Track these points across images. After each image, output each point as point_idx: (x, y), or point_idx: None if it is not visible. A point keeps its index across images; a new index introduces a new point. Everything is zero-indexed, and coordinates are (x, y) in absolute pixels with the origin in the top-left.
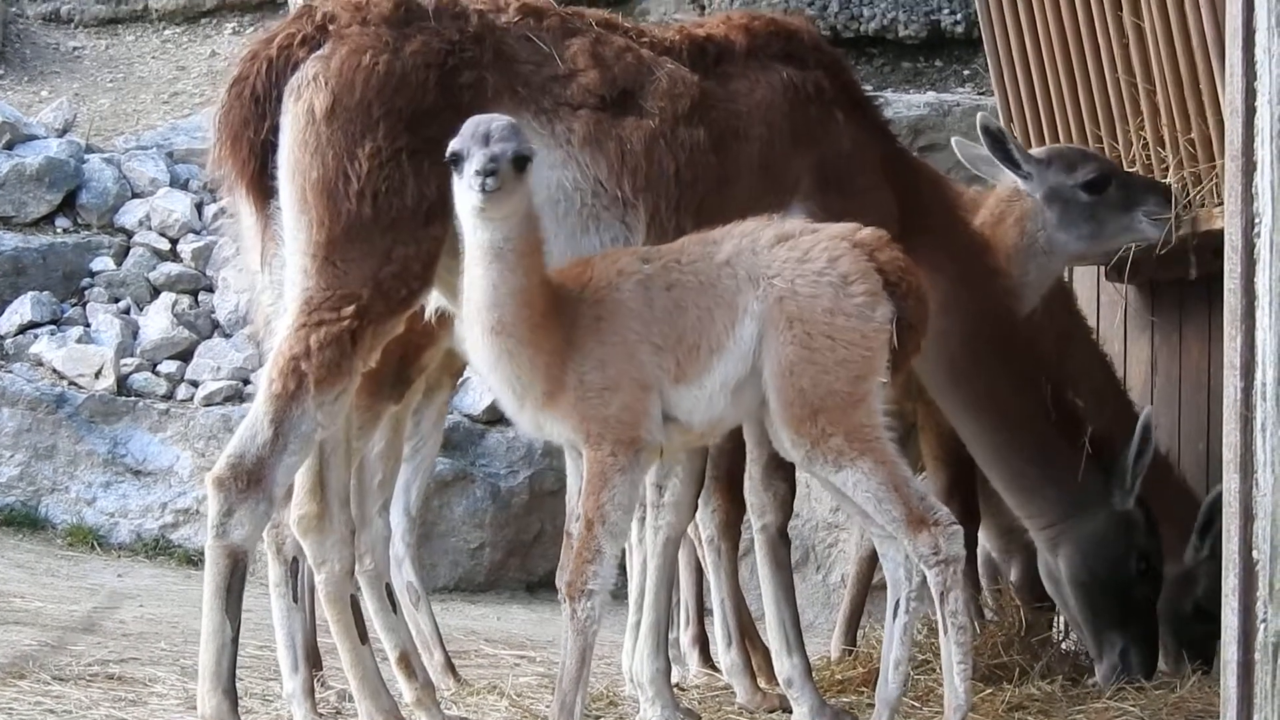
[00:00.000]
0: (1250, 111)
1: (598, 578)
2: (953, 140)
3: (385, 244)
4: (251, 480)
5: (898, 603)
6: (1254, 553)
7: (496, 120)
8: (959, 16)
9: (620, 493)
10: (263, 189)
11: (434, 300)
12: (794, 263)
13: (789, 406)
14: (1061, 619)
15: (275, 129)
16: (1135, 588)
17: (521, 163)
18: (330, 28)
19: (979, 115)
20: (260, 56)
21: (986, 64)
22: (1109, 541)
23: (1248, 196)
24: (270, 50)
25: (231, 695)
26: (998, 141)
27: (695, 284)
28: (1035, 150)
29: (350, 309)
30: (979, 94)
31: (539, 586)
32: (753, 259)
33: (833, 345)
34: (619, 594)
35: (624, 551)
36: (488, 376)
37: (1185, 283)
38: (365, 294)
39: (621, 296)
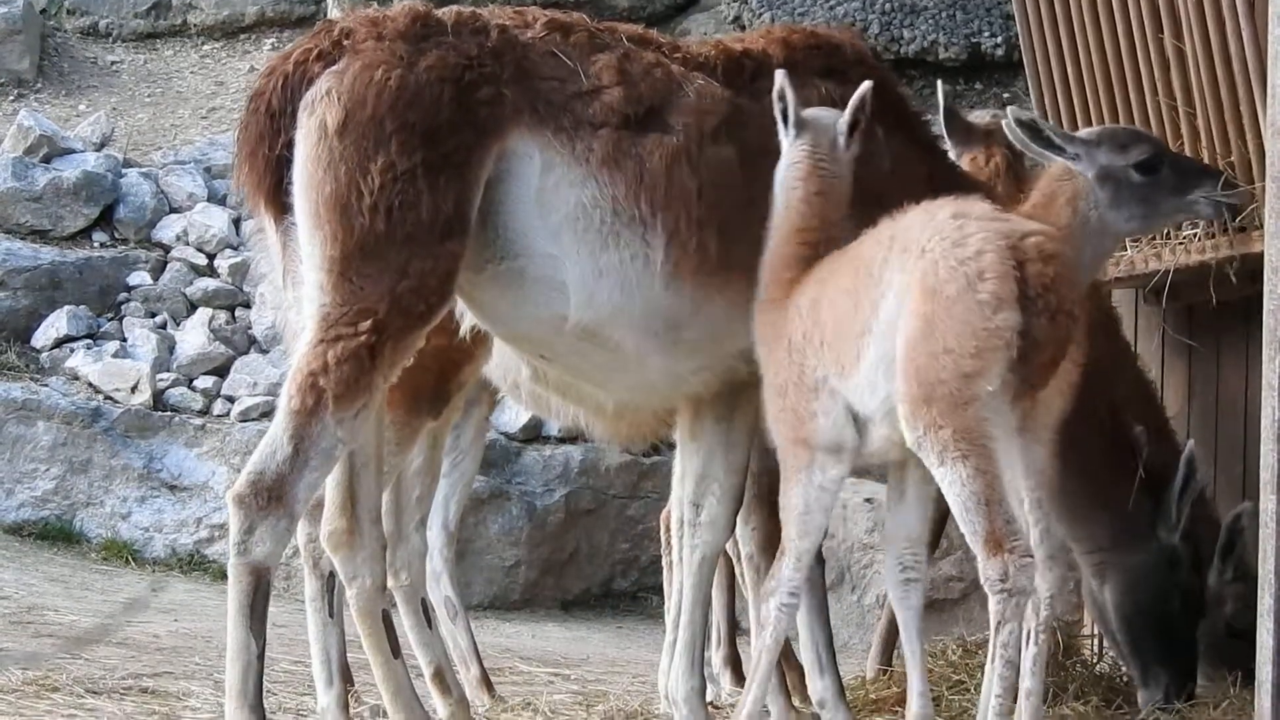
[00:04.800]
0: None
1: (774, 578)
2: (1002, 123)
3: (401, 259)
4: (272, 497)
5: (1027, 634)
6: None
7: None
8: (999, 39)
9: (793, 494)
10: (280, 204)
11: (469, 318)
12: (949, 242)
13: (906, 383)
14: (1096, 641)
15: (291, 144)
16: (1178, 623)
17: None
18: (346, 43)
19: (1008, 111)
20: (278, 72)
21: (1027, 87)
22: (1154, 576)
23: None
24: (287, 66)
25: (259, 711)
26: (1034, 131)
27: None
28: (1083, 131)
29: (367, 324)
30: (998, 109)
31: (574, 605)
32: (917, 232)
33: (949, 333)
34: (656, 613)
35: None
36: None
37: (1223, 306)
38: (382, 309)
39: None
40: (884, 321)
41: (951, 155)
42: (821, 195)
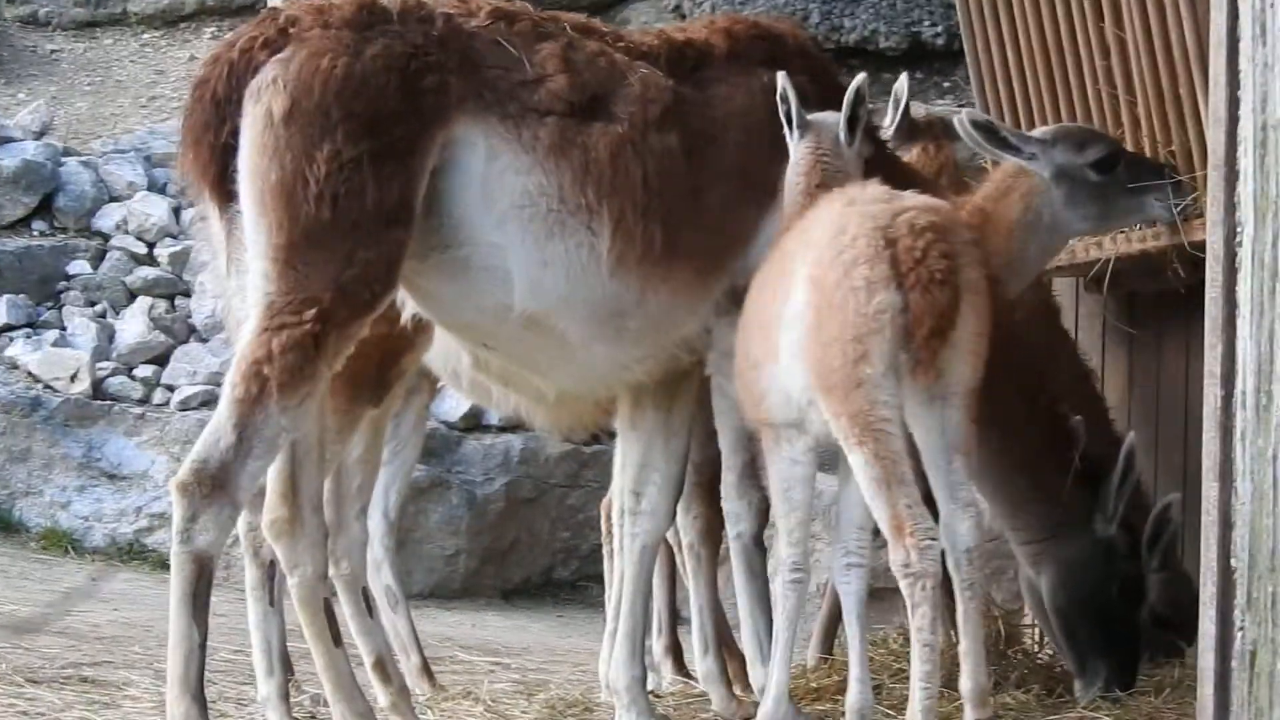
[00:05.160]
0: (1233, 121)
1: (774, 558)
2: (953, 119)
3: (346, 247)
4: (216, 485)
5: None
6: (1232, 560)
7: None
8: (940, 29)
9: (771, 472)
10: (225, 193)
11: (411, 306)
12: (832, 232)
13: (806, 373)
14: (1037, 630)
15: (236, 132)
16: (1115, 614)
17: None
18: (292, 31)
19: (962, 113)
20: (222, 59)
21: (967, 76)
22: (1090, 567)
23: (1230, 205)
24: (232, 53)
25: (200, 700)
26: (989, 132)
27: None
28: (1038, 130)
29: (312, 313)
30: (959, 105)
31: (514, 594)
32: (818, 223)
33: (833, 321)
34: (596, 602)
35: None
36: None
37: (1164, 295)
38: (327, 298)
39: None
40: (791, 312)
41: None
42: (825, 189)
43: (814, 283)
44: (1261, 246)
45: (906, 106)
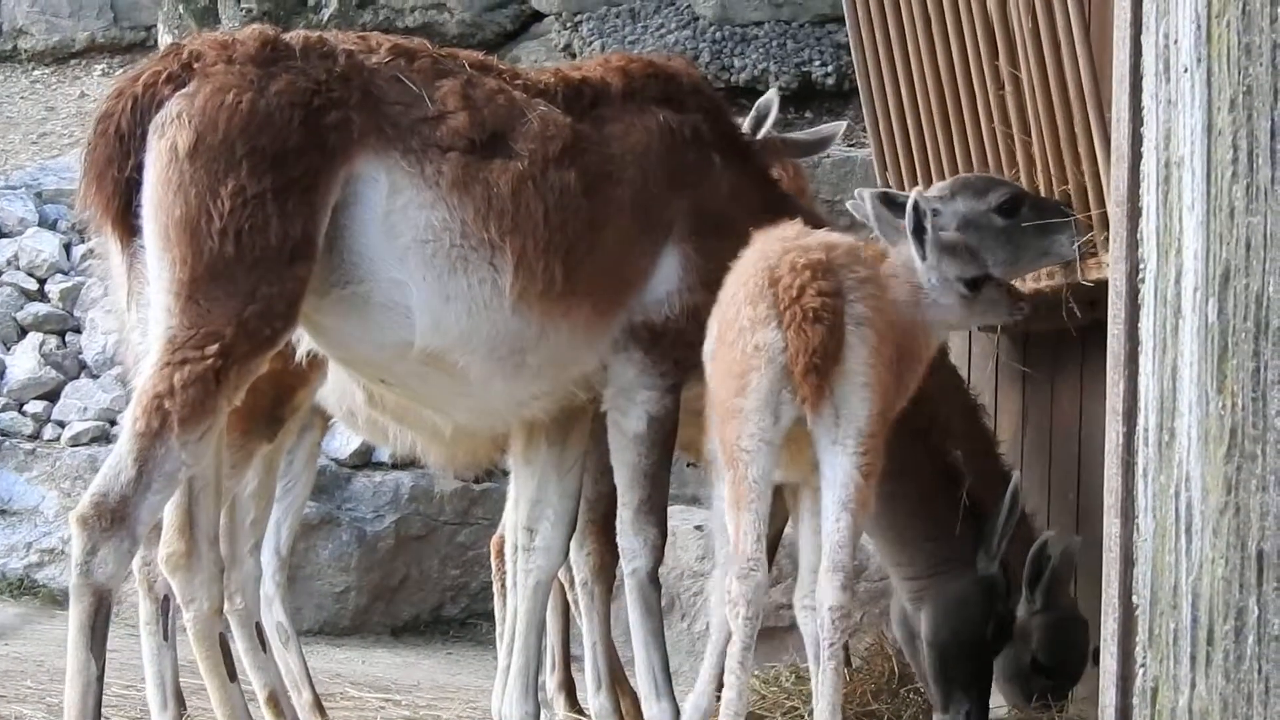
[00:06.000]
0: (1136, 157)
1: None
2: (848, 204)
3: (249, 283)
4: (116, 519)
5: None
6: (1134, 598)
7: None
8: (830, 68)
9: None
10: (127, 227)
11: (306, 342)
12: (738, 269)
13: (710, 406)
14: None
15: (140, 167)
16: (986, 652)
17: None
18: (196, 66)
19: (856, 193)
20: (126, 94)
21: (856, 116)
22: (970, 605)
23: (1132, 242)
24: (136, 88)
25: None
26: (886, 202)
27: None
28: (936, 186)
29: (214, 347)
30: (849, 146)
31: (404, 631)
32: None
33: (725, 356)
34: (485, 639)
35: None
36: None
37: (1058, 334)
38: (229, 333)
39: None
40: (710, 344)
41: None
42: None
43: (718, 319)
44: (1164, 283)
45: (768, 122)
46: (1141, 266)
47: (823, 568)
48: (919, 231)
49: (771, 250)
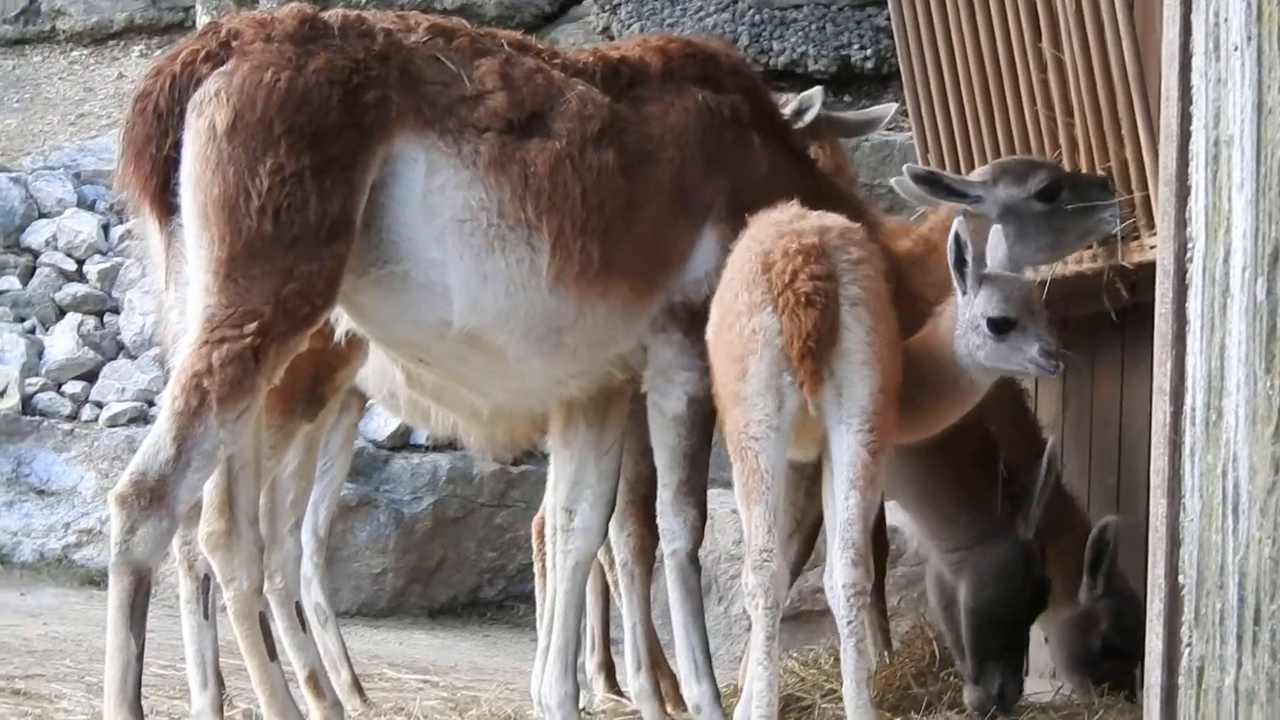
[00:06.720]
0: (1185, 136)
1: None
2: (892, 181)
3: (287, 261)
4: (154, 498)
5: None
6: (1180, 577)
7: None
8: (869, 52)
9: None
10: (166, 205)
11: (345, 322)
12: (736, 254)
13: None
14: None
15: (178, 145)
16: (1023, 619)
17: None
18: (234, 44)
19: (903, 170)
20: (164, 73)
21: (896, 100)
22: (1010, 571)
23: (1180, 221)
24: (174, 66)
25: (138, 712)
26: (933, 182)
27: None
28: (976, 171)
29: (253, 326)
30: (888, 130)
31: (440, 613)
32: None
33: (724, 340)
34: (522, 621)
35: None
36: None
37: (1098, 318)
38: (268, 311)
39: None
40: (711, 329)
41: None
42: None
43: (718, 303)
44: (1213, 262)
45: (809, 115)
46: (1190, 246)
47: (835, 546)
48: (960, 264)
49: (765, 234)
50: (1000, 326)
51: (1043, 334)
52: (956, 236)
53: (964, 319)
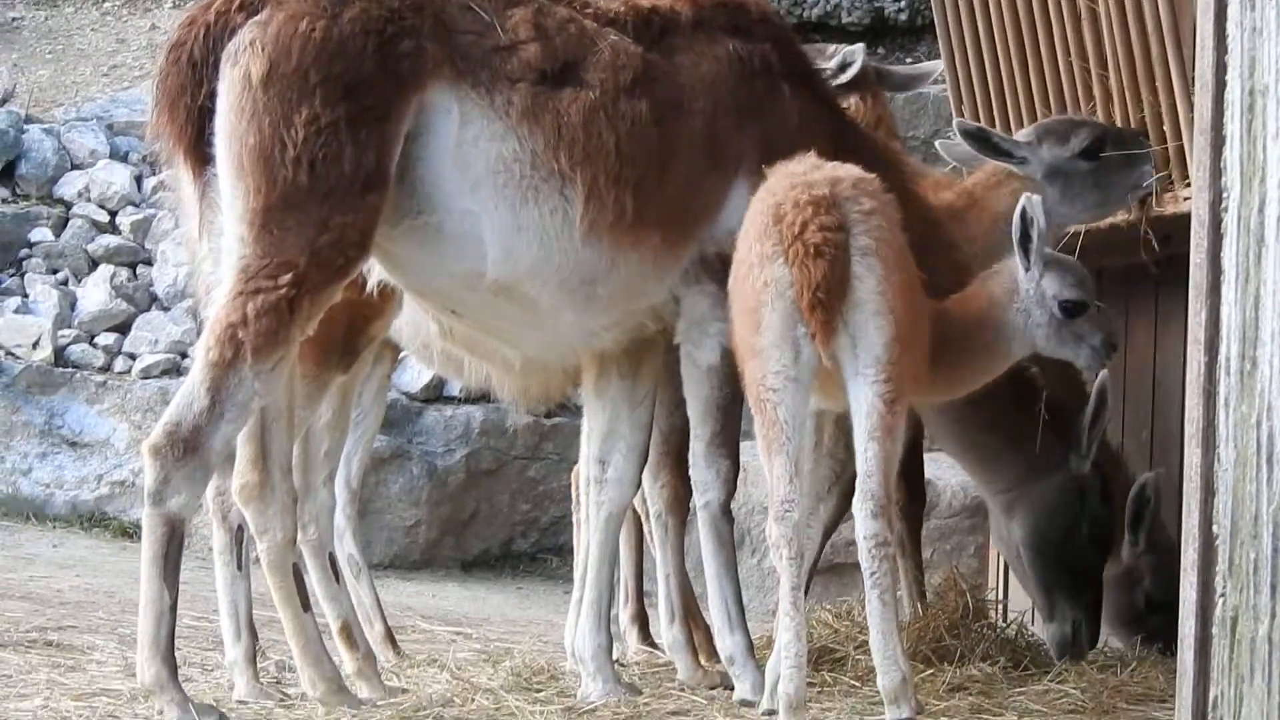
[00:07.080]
0: (1220, 85)
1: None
2: (937, 144)
3: (322, 212)
4: (188, 448)
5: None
6: (1214, 527)
7: None
8: (903, 4)
9: None
10: (200, 156)
11: (377, 273)
12: (752, 206)
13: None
14: (1003, 605)
15: (213, 95)
16: (1086, 555)
17: None
18: None
19: (955, 124)
20: (199, 22)
21: (929, 53)
22: (1064, 505)
23: (1216, 170)
24: (209, 16)
25: (171, 663)
26: (980, 139)
27: None
28: (1020, 132)
29: (288, 277)
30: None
31: (474, 565)
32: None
33: (739, 293)
34: (555, 574)
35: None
36: None
37: (1132, 270)
38: (302, 262)
39: None
40: (730, 281)
41: None
42: None
43: (735, 255)
44: (1248, 211)
45: (850, 72)
46: (1225, 195)
47: (855, 498)
48: (1025, 241)
49: (779, 185)
50: (1072, 310)
51: (1108, 325)
52: (1024, 212)
53: (1027, 295)
